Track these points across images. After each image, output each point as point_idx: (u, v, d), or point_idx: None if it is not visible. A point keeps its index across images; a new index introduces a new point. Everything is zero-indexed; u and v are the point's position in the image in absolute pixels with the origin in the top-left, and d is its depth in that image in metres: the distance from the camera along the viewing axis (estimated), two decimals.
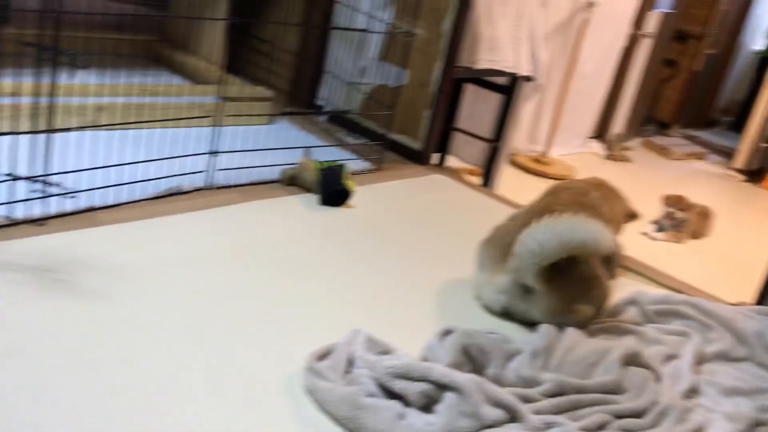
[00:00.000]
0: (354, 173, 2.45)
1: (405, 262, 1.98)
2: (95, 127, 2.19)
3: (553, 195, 2.01)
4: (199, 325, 1.47)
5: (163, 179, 2.06)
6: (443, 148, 3.08)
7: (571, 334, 1.61)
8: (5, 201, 1.68)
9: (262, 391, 1.31)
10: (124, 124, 2.21)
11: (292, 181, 2.32)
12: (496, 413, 1.25)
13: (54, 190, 1.66)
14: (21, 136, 1.72)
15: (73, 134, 2.10)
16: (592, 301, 1.73)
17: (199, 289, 1.61)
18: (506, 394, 1.29)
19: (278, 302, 1.63)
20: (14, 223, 1.68)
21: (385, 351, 1.45)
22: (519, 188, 3.35)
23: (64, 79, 1.93)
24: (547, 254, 1.62)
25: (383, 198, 2.41)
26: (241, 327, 1.50)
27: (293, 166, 2.34)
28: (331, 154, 2.62)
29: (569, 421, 1.32)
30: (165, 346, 1.38)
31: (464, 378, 1.27)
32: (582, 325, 1.69)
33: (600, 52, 4.15)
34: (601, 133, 4.76)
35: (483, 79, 3.08)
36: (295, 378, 1.37)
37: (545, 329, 1.61)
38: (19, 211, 1.70)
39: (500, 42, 2.85)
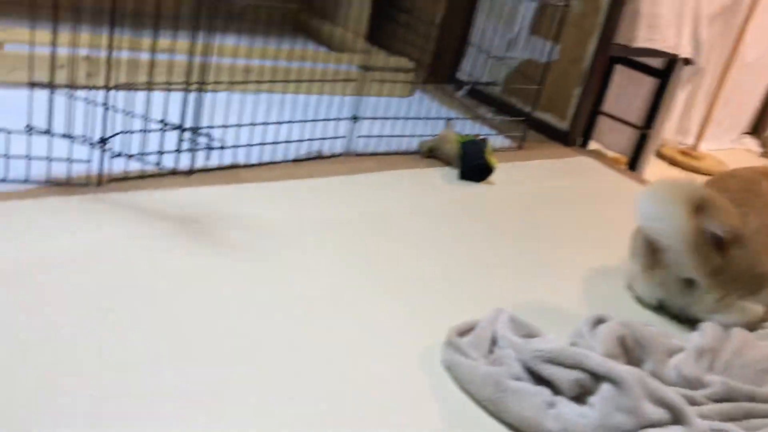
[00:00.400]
0: (494, 150, 2.35)
1: (548, 244, 1.86)
2: (244, 83, 2.21)
3: (719, 183, 1.82)
4: (334, 290, 1.43)
5: (304, 142, 2.05)
6: (587, 132, 2.90)
7: (739, 334, 1.44)
8: (156, 150, 1.70)
9: (398, 363, 1.25)
10: (272, 82, 2.22)
11: (430, 153, 2.25)
12: (658, 412, 1.12)
13: (202, 141, 1.67)
14: (174, 92, 1.75)
15: (221, 94, 2.13)
16: (764, 300, 1.55)
17: (335, 255, 1.56)
18: (671, 392, 1.16)
19: (413, 273, 1.56)
20: (162, 174, 1.71)
21: (530, 334, 1.34)
22: None
23: (217, 40, 1.95)
24: (675, 216, 1.49)
25: (525, 177, 2.29)
26: (374, 296, 1.44)
27: (433, 137, 2.26)
28: (471, 128, 2.52)
29: (740, 430, 1.17)
30: (300, 309, 1.34)
31: (624, 370, 1.15)
32: (751, 326, 1.52)
33: (767, 38, 3.79)
34: (756, 128, 4.37)
35: (635, 61, 2.87)
36: (432, 353, 1.29)
37: (709, 327, 1.45)
38: (168, 162, 1.73)
39: (661, 19, 2.63)
